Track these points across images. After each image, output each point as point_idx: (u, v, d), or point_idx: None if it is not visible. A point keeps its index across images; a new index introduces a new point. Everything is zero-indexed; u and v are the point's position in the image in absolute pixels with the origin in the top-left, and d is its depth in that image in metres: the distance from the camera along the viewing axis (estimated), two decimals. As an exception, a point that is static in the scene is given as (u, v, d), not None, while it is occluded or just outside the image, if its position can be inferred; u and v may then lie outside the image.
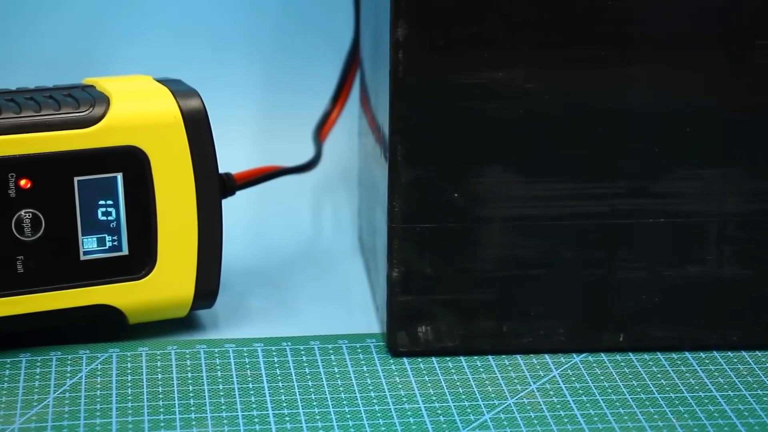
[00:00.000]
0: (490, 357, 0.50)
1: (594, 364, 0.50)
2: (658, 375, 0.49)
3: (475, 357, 0.50)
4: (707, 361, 0.50)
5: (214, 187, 0.50)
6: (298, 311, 0.54)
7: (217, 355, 0.50)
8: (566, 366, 0.50)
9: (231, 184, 0.53)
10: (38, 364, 0.49)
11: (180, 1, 0.69)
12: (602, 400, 0.47)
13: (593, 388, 0.48)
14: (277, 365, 0.49)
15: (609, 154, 0.49)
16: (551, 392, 0.48)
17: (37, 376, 0.48)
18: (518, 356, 0.50)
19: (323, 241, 0.62)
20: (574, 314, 0.50)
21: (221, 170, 0.51)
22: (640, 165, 0.49)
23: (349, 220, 0.63)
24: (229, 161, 0.54)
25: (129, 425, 0.45)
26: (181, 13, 0.69)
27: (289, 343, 0.51)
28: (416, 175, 0.48)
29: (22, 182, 0.48)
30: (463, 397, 0.48)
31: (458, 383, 0.48)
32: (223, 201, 0.51)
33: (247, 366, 0.49)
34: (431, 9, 0.47)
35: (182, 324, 0.52)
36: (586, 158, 0.49)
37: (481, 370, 0.49)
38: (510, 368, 0.49)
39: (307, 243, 0.61)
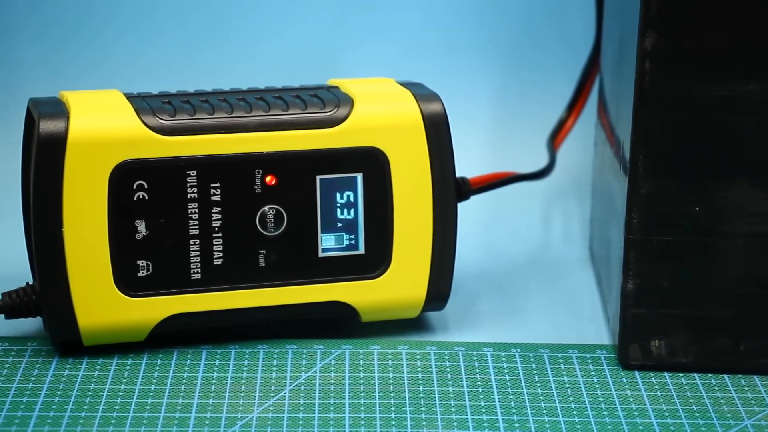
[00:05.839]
0: (725, 375, 0.49)
1: (837, 390, 0.48)
2: None
3: (710, 375, 0.49)
4: None
5: (450, 190, 0.51)
6: (528, 318, 0.54)
7: (447, 357, 0.50)
8: (806, 390, 0.48)
9: (466, 189, 0.53)
10: (275, 356, 0.50)
11: (418, 9, 0.70)
12: None
13: (836, 414, 0.47)
14: (506, 371, 0.49)
15: None
16: (790, 416, 0.47)
17: (274, 368, 0.49)
18: (755, 377, 0.49)
19: (553, 248, 0.61)
20: (817, 337, 0.48)
21: (457, 174, 0.51)
22: None
23: (579, 229, 0.62)
24: (463, 165, 0.54)
25: (361, 421, 0.46)
26: (419, 20, 0.70)
27: (518, 350, 0.51)
28: (657, 186, 0.47)
29: (268, 179, 0.49)
30: (697, 415, 0.46)
31: (692, 401, 0.47)
32: (458, 205, 0.52)
33: (477, 370, 0.49)
34: (682, 18, 0.46)
35: (412, 324, 0.53)
36: (838, 176, 0.47)
37: (716, 388, 0.48)
38: (746, 388, 0.48)
39: (538, 250, 0.61)
